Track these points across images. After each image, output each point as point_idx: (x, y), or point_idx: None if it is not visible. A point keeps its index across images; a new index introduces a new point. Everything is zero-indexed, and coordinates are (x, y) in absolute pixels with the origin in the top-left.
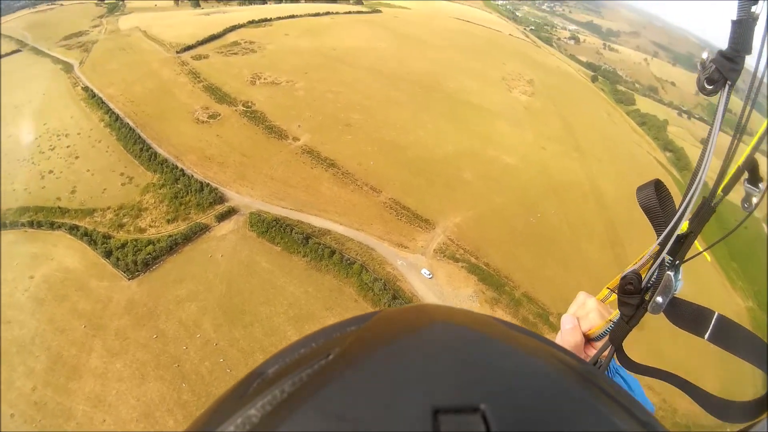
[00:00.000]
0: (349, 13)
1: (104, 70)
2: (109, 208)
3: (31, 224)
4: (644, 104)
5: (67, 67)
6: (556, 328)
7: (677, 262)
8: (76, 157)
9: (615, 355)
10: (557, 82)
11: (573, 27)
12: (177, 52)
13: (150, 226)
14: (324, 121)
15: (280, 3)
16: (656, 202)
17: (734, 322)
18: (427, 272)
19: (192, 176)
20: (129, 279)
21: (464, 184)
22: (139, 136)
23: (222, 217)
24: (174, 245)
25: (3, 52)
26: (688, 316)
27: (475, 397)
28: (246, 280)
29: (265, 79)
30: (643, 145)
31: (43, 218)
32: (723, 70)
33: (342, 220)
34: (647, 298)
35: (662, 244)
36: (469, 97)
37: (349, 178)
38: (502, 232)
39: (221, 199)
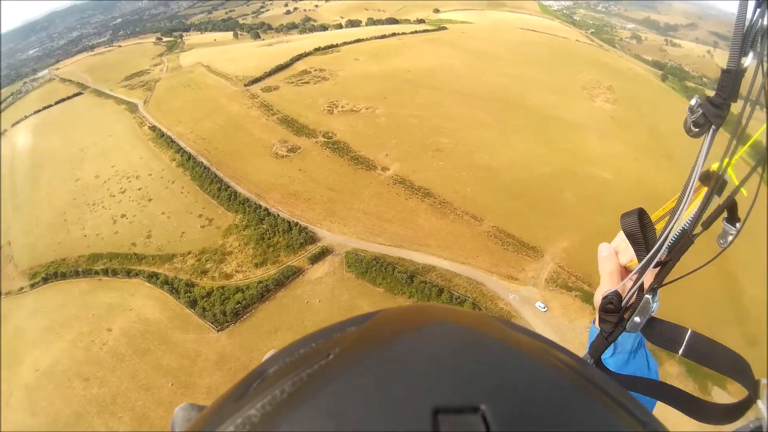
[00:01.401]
0: (415, 32)
1: (170, 107)
2: (189, 253)
3: (105, 272)
4: None
5: (131, 107)
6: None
7: (655, 286)
8: (149, 200)
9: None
10: (634, 86)
11: (631, 25)
12: (245, 85)
13: (236, 271)
14: (411, 148)
15: (340, 29)
16: (638, 229)
17: (706, 338)
18: (542, 305)
19: (278, 215)
20: (218, 331)
21: (565, 205)
22: (216, 175)
23: (315, 259)
24: (265, 292)
25: (63, 96)
26: (664, 334)
27: (475, 397)
28: None
29: (342, 107)
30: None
31: (118, 265)
32: (709, 116)
33: (446, 254)
34: (626, 317)
35: (641, 270)
36: (554, 111)
37: (447, 207)
38: None
39: (312, 238)
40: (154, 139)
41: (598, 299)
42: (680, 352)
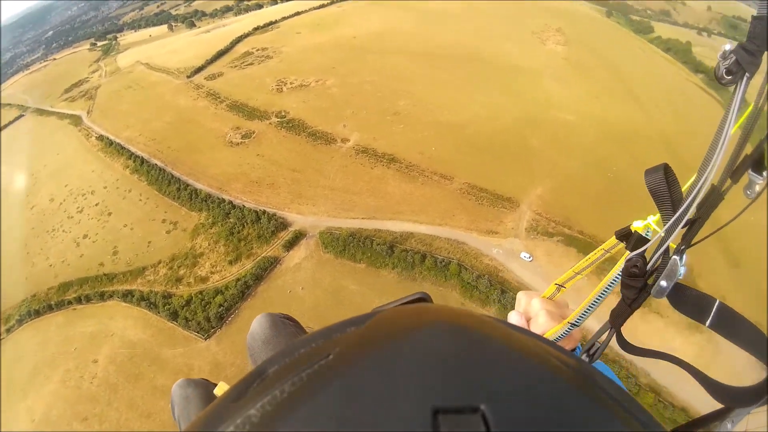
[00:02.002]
0: None
1: (115, 113)
2: (159, 262)
3: (78, 300)
4: (662, 30)
5: (75, 120)
6: None
7: (683, 247)
8: (109, 214)
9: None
10: (582, 26)
11: None
12: (188, 77)
13: (212, 272)
14: (369, 116)
15: (276, 4)
16: (665, 186)
17: (734, 311)
18: (527, 255)
19: (243, 206)
20: (205, 339)
21: (534, 152)
22: (173, 175)
23: (290, 245)
24: (245, 289)
25: (5, 122)
26: (691, 302)
27: (475, 398)
28: (336, 309)
29: (291, 83)
30: (681, 73)
31: (90, 290)
32: (743, 63)
33: (421, 218)
34: (650, 282)
35: (670, 230)
36: (509, 60)
37: (414, 170)
38: (584, 196)
39: (283, 224)
40: (103, 149)
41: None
42: (707, 323)
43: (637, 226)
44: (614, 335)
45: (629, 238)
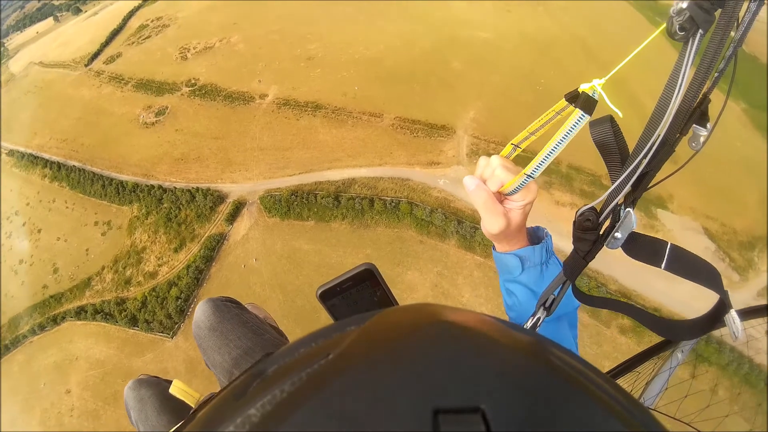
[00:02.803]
0: None
1: (20, 123)
2: (103, 268)
3: (32, 331)
4: None
5: None
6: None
7: (633, 198)
8: (39, 231)
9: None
10: None
11: None
12: (86, 66)
13: (159, 265)
14: (282, 66)
15: None
16: (613, 139)
17: (685, 251)
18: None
19: (174, 188)
20: (172, 337)
21: (458, 75)
22: (94, 173)
23: (232, 218)
24: (198, 274)
25: None
26: (644, 249)
27: (475, 397)
28: (296, 274)
29: (195, 48)
30: None
31: (41, 318)
32: (697, 19)
33: (360, 161)
34: (602, 233)
35: (622, 184)
36: None
37: (341, 113)
38: (517, 112)
39: (220, 198)
40: (16, 164)
41: (487, 231)
42: (663, 265)
43: (584, 87)
44: (569, 287)
45: (578, 99)
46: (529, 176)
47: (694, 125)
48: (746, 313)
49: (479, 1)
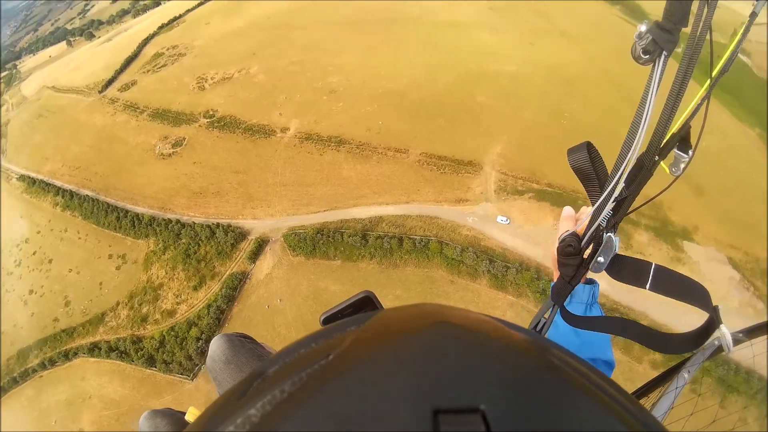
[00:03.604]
0: None
1: (31, 147)
2: (118, 303)
3: (42, 365)
4: None
5: None
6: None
7: (614, 222)
8: (50, 261)
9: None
10: None
11: None
12: (99, 92)
13: (177, 303)
14: (304, 98)
15: None
16: (589, 165)
17: (670, 270)
18: (503, 218)
19: (193, 223)
20: (192, 379)
21: (484, 109)
22: (108, 204)
23: (254, 255)
24: (219, 314)
25: None
26: (628, 271)
27: (475, 398)
28: None
29: (212, 78)
30: (601, 6)
31: (51, 352)
32: (659, 41)
33: (386, 199)
34: (586, 257)
35: (599, 209)
36: (434, 16)
37: (366, 149)
38: (544, 146)
39: (241, 234)
40: (27, 190)
41: (554, 254)
42: (647, 286)
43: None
44: (558, 311)
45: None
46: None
47: (675, 151)
48: (750, 332)
49: (503, 34)
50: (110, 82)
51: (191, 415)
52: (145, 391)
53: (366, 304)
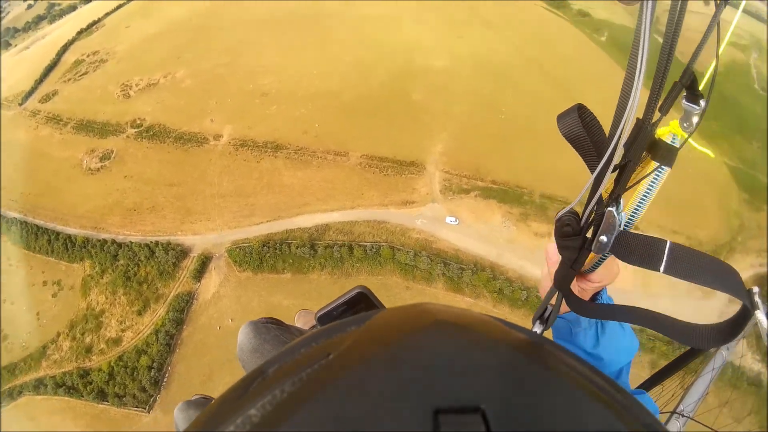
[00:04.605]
0: None
1: None
2: (59, 335)
3: None
4: None
5: None
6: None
7: (617, 195)
8: None
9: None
10: None
11: None
12: (20, 104)
13: (122, 330)
14: (235, 103)
15: (90, 1)
16: (582, 130)
17: (687, 248)
18: (452, 219)
19: (130, 243)
20: (148, 411)
21: (420, 106)
22: (37, 226)
23: (198, 274)
24: (169, 339)
25: None
26: (639, 251)
27: (475, 397)
28: None
29: (137, 85)
30: None
31: None
32: None
33: (331, 205)
34: (589, 236)
35: (597, 180)
36: (358, 9)
37: (304, 153)
38: (484, 142)
39: (183, 252)
40: None
41: (544, 290)
42: (661, 269)
43: (662, 131)
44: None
45: (656, 150)
46: (604, 256)
47: (684, 102)
48: None
49: (428, 24)
50: (30, 93)
51: None
52: (100, 428)
53: (361, 299)
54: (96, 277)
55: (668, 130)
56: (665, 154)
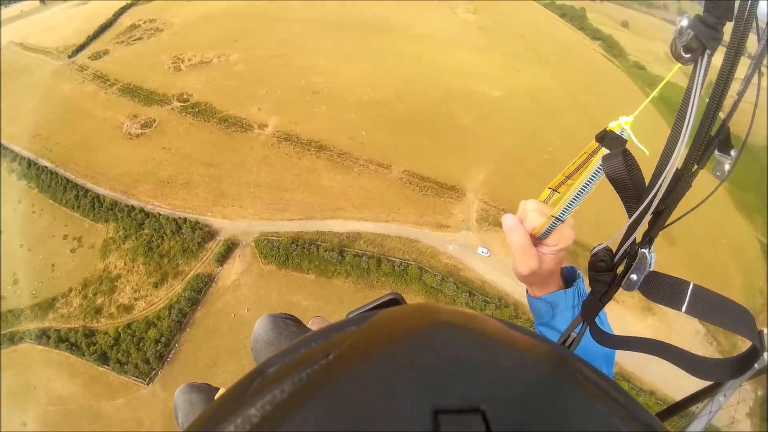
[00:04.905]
0: None
1: None
2: (70, 290)
3: None
4: None
5: None
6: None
7: (650, 237)
8: None
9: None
10: None
11: None
12: (69, 57)
13: (135, 299)
14: (285, 95)
15: None
16: (625, 173)
17: (709, 291)
18: (484, 250)
19: (159, 214)
20: (147, 384)
21: (467, 132)
22: (68, 179)
23: (222, 258)
24: (182, 317)
25: None
26: (663, 290)
27: (475, 398)
28: None
29: (190, 60)
30: (583, 41)
31: None
32: (702, 38)
33: (365, 214)
34: (619, 273)
35: (635, 223)
36: (420, 29)
37: (347, 158)
38: (526, 178)
39: (210, 233)
40: None
41: (517, 272)
42: (683, 308)
43: (612, 126)
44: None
45: (605, 138)
46: (557, 219)
47: (717, 153)
48: None
49: (489, 56)
50: (81, 47)
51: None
52: (96, 390)
53: (392, 306)
54: (118, 241)
55: (618, 126)
56: (612, 144)
